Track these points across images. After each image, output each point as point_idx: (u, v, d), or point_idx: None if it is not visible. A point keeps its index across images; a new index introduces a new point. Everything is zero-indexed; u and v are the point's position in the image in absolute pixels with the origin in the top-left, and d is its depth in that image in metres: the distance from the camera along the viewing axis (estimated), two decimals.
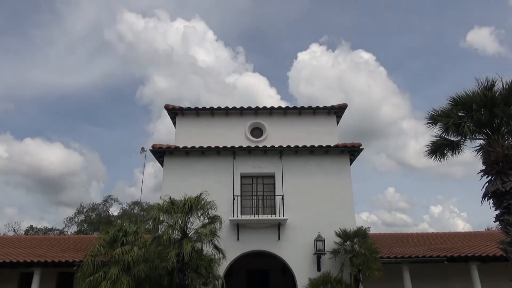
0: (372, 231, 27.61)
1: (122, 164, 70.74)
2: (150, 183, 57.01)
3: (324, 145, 16.12)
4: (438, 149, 11.71)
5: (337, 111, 17.35)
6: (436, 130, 11.65)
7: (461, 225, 57.87)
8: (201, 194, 12.50)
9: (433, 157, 11.82)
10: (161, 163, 16.52)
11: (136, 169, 67.39)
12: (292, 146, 16.08)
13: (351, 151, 16.34)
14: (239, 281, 19.69)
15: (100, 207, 40.21)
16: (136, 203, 39.96)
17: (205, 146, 16.14)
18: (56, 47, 67.30)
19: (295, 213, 15.45)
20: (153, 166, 60.72)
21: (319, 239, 14.83)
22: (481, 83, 11.04)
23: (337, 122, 17.54)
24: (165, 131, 59.35)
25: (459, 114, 11.30)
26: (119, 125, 73.00)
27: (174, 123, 17.49)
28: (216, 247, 12.85)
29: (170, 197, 12.44)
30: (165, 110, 17.40)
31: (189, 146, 16.16)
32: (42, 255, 15.96)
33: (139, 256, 12.22)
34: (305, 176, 16.04)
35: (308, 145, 16.10)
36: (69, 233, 38.58)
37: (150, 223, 14.15)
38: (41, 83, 63.24)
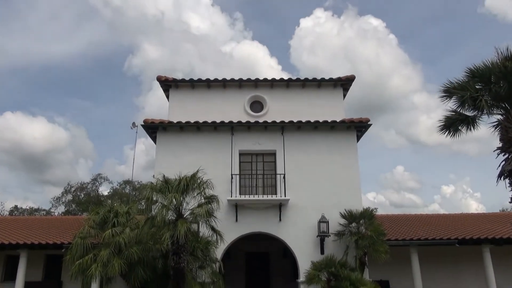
0: (380, 212, 27.95)
1: (111, 140, 70.89)
2: (141, 161, 57.30)
3: (329, 120, 16.07)
4: (452, 124, 11.68)
5: (344, 83, 17.22)
6: (451, 104, 11.62)
7: (474, 206, 58.64)
8: (197, 172, 12.57)
9: (446, 133, 11.81)
10: (154, 139, 16.51)
11: (126, 146, 67.40)
12: (295, 121, 16.05)
13: (358, 127, 16.31)
14: (238, 264, 20.07)
15: (89, 186, 40.52)
16: (127, 182, 40.25)
17: (201, 121, 16.09)
18: (38, 13, 66.28)
19: (297, 193, 15.56)
20: (144, 142, 60.70)
21: (323, 220, 15.00)
22: (501, 52, 10.91)
23: (344, 96, 17.43)
24: (157, 105, 59.20)
25: (476, 86, 11.22)
26: (107, 98, 72.73)
27: (167, 96, 17.38)
28: (213, 229, 13.03)
29: (163, 176, 12.51)
30: (157, 82, 17.26)
31: (183, 121, 16.12)
32: (29, 236, 16.14)
33: (131, 238, 12.46)
34: (309, 154, 16.08)
35: (312, 120, 16.06)
36: (56, 213, 38.98)
37: (142, 203, 14.29)
38: (22, 52, 62.58)
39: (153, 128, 16.33)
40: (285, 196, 15.34)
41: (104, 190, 41.47)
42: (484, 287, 16.32)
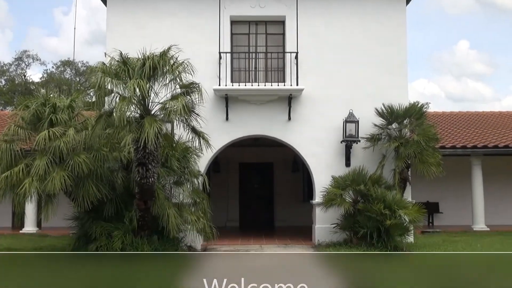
0: (432, 108, 28.11)
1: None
2: (83, 32, 56.14)
3: None
4: None
5: None
6: None
7: None
8: (169, 48, 12.33)
9: None
10: None
11: (57, 8, 65.45)
12: None
13: None
14: (229, 180, 20.83)
15: (12, 69, 40.28)
16: (67, 64, 40.06)
17: None
18: None
19: (315, 80, 15.48)
20: (86, 3, 58.29)
21: (350, 119, 15.08)
22: None
23: None
24: None
25: None
26: None
27: None
28: (194, 131, 13.15)
29: (121, 54, 12.28)
30: None
31: None
32: None
33: (77, 142, 12.45)
34: (332, 22, 15.82)
35: None
36: None
37: (91, 93, 14.19)
38: None
39: None
40: (297, 84, 15.27)
41: (34, 74, 41.35)
42: None
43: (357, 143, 15.22)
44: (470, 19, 67.86)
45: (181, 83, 12.48)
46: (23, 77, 39.88)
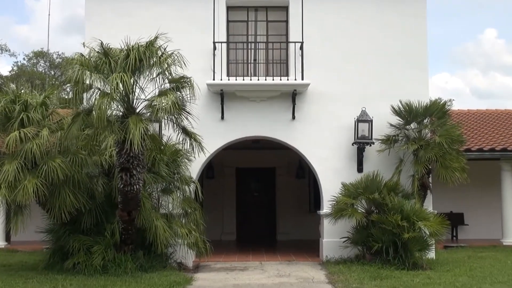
0: (456, 106, 28.17)
1: None
2: (57, 19, 55.98)
3: None
4: None
5: None
6: None
7: None
8: (156, 38, 12.38)
9: None
10: None
11: None
12: None
13: None
14: (225, 186, 20.86)
15: None
16: (40, 55, 39.98)
17: None
18: None
19: (322, 73, 15.51)
20: None
21: (363, 118, 15.09)
22: None
23: None
24: None
25: None
26: None
27: None
28: (185, 131, 13.20)
29: (101, 44, 12.28)
30: None
31: None
32: None
33: (52, 145, 12.53)
34: (343, 9, 15.86)
35: None
36: None
37: (68, 89, 14.14)
38: None
39: None
40: (302, 78, 15.27)
41: (3, 67, 41.28)
42: None
43: (370, 145, 15.23)
44: (498, 4, 67.80)
45: (170, 77, 12.57)
46: None
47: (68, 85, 12.87)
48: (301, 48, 15.29)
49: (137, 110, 12.42)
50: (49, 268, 12.88)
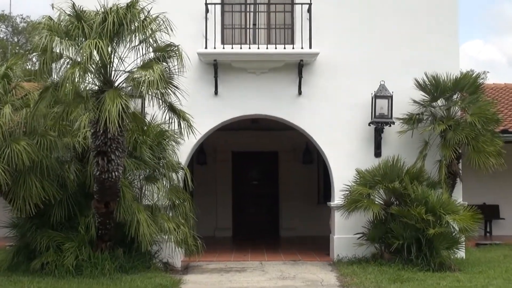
0: (491, 79, 27.94)
1: None
2: None
3: None
4: None
5: None
6: None
7: None
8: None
9: None
10: None
11: None
12: None
13: None
14: (219, 173, 20.94)
15: None
16: (1, 18, 40.47)
17: None
18: None
19: (334, 41, 15.42)
20: None
21: (382, 94, 14.95)
22: None
23: None
24: None
25: None
26: None
27: None
28: (173, 109, 13.15)
29: (73, 5, 12.15)
30: None
31: None
32: None
33: (15, 124, 12.53)
34: None
35: None
36: None
37: (34, 59, 14.01)
38: None
39: None
40: (310, 47, 15.13)
41: None
42: None
43: (390, 125, 15.08)
44: None
45: (155, 45, 12.58)
46: None
47: (35, 54, 12.90)
48: (309, 10, 15.14)
49: (116, 84, 12.39)
50: (13, 269, 12.87)
